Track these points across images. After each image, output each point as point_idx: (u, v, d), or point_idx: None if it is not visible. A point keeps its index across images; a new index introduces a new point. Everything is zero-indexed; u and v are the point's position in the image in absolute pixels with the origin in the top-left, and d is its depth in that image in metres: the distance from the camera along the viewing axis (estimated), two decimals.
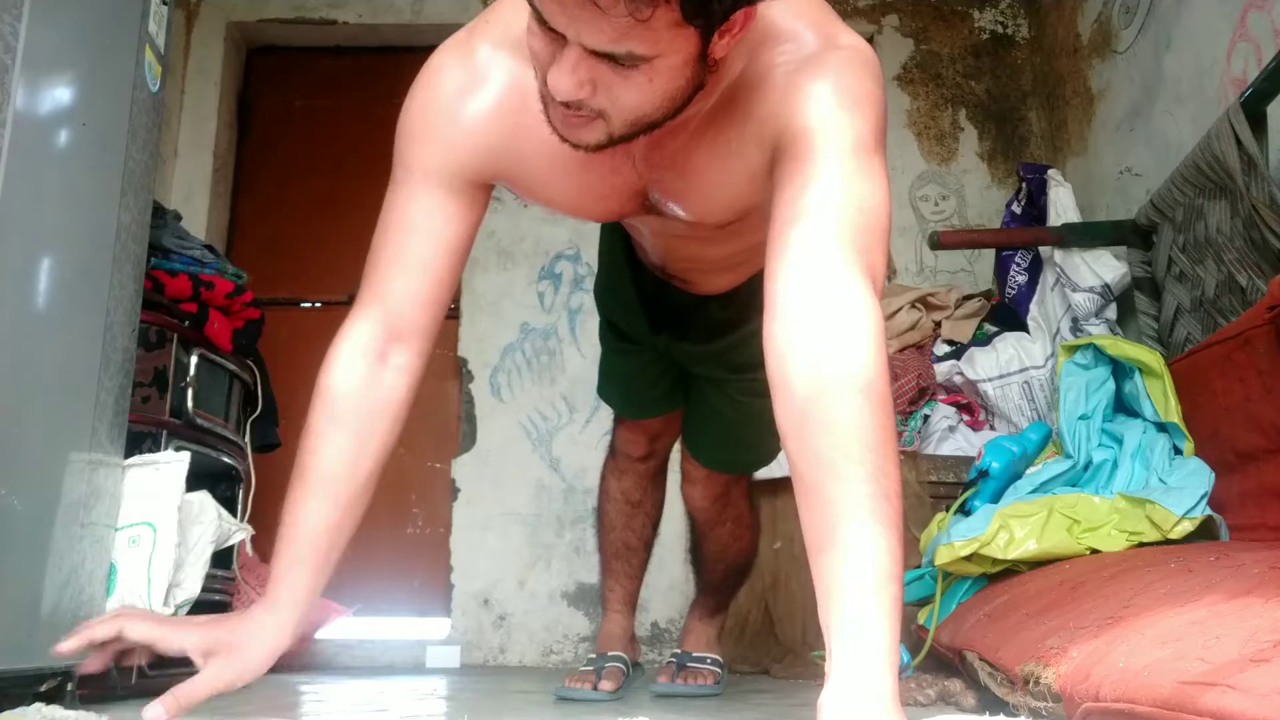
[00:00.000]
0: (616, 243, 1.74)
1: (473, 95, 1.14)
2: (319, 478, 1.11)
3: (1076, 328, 2.73)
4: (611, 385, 2.02)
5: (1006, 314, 3.02)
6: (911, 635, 2.12)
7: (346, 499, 1.13)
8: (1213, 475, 1.85)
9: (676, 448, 2.09)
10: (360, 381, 1.13)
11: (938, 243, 2.94)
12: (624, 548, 2.12)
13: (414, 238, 1.14)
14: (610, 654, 2.04)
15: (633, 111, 0.96)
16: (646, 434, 2.02)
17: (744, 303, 1.56)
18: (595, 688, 1.90)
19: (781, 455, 2.59)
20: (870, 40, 3.69)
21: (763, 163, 1.08)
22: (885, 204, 1.00)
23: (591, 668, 1.99)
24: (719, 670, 2.07)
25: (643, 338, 1.82)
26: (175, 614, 1.69)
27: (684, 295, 1.65)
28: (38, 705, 1.23)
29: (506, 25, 1.13)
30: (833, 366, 0.89)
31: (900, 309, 3.05)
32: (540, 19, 0.90)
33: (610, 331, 1.92)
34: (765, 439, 1.86)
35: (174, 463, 1.74)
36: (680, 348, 1.77)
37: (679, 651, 2.12)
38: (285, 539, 1.11)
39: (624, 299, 1.77)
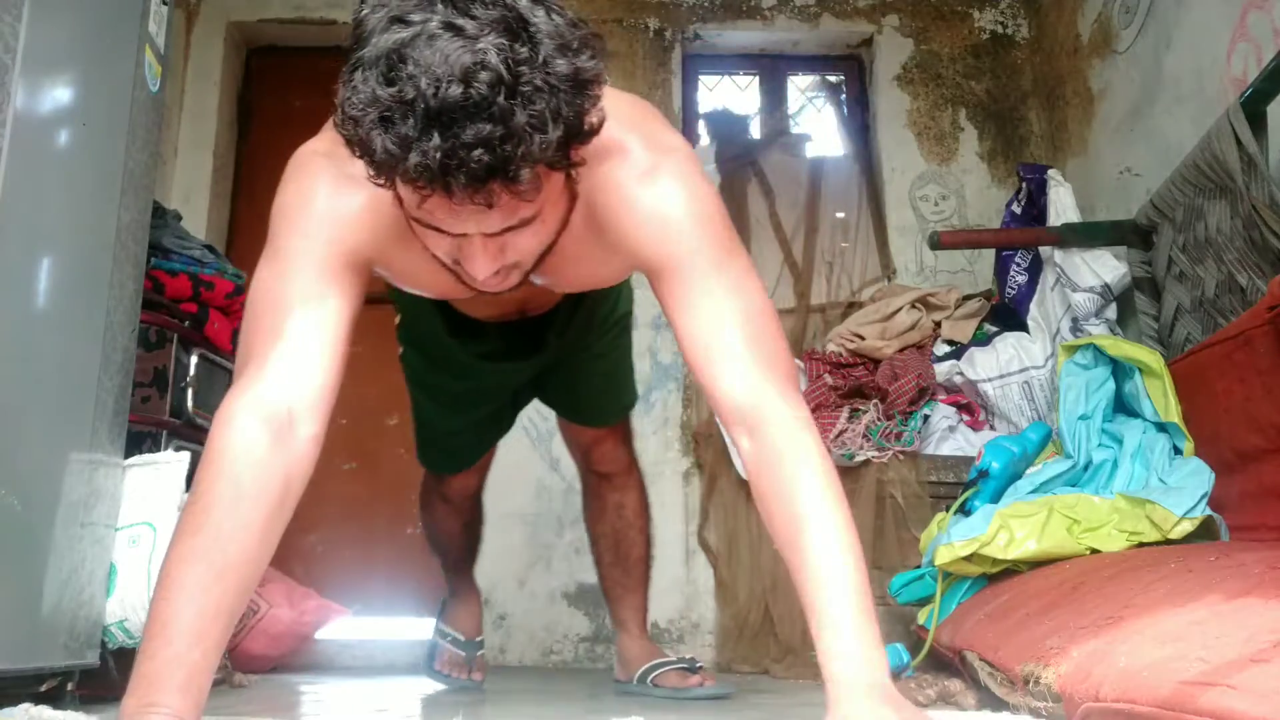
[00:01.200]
0: (430, 328, 1.74)
1: (352, 194, 1.15)
2: (231, 560, 0.96)
3: (1076, 328, 2.73)
4: (451, 450, 2.02)
5: (1006, 314, 3.02)
6: (911, 635, 2.12)
7: (252, 583, 1.00)
8: (1213, 475, 1.85)
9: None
10: (269, 450, 1.01)
11: (938, 243, 2.94)
12: (470, 551, 2.26)
13: (318, 315, 1.10)
14: (476, 640, 2.20)
15: (538, 249, 1.11)
16: (480, 468, 2.09)
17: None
18: (469, 676, 2.12)
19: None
20: (870, 40, 3.69)
21: (625, 268, 1.28)
22: (761, 295, 1.17)
23: (463, 653, 2.16)
24: None
25: (502, 387, 1.88)
26: None
27: (532, 320, 1.72)
28: (25, 705, 1.22)
29: None
30: (794, 476, 1.06)
31: (900, 309, 3.05)
32: (436, 228, 1.01)
33: (453, 404, 1.91)
34: (627, 386, 2.08)
35: (174, 463, 1.74)
36: (557, 352, 1.83)
37: (679, 659, 2.07)
38: (188, 632, 0.92)
39: (472, 370, 1.80)
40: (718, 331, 1.12)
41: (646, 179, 1.16)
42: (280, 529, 1.03)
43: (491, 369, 1.80)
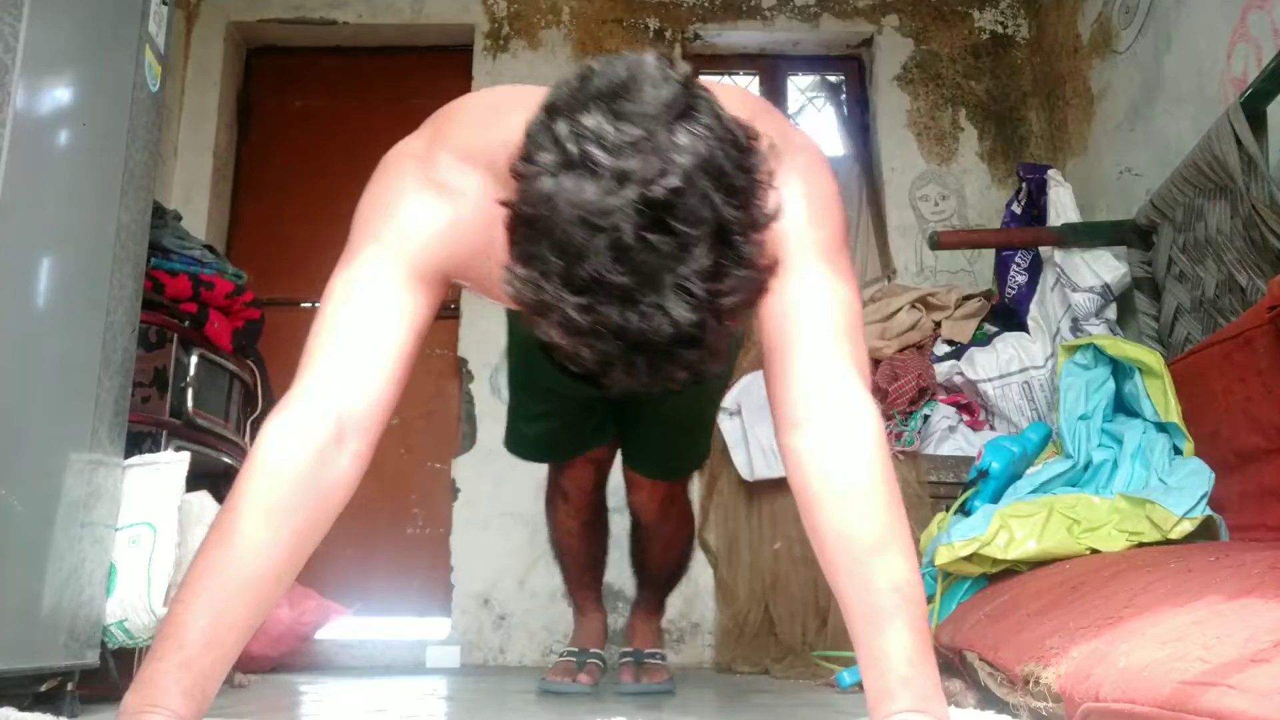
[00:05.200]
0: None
1: (444, 200, 1.10)
2: (255, 574, 0.94)
3: (1076, 328, 2.73)
4: (546, 444, 2.01)
5: (1006, 314, 3.02)
6: None
7: (272, 599, 0.98)
8: (1213, 475, 1.85)
9: None
10: (313, 464, 0.98)
11: (938, 243, 2.94)
12: (591, 560, 2.23)
13: (384, 327, 1.06)
14: (592, 650, 2.18)
15: None
16: (594, 463, 2.05)
17: None
18: (575, 680, 2.06)
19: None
20: (870, 40, 3.69)
21: None
22: (858, 299, 1.12)
23: (574, 659, 2.14)
24: (667, 665, 2.22)
25: (579, 390, 1.82)
26: None
27: None
28: (6, 710, 1.22)
29: (471, 141, 1.12)
30: (846, 473, 1.01)
31: (900, 309, 3.05)
32: None
33: (538, 399, 1.89)
34: (700, 443, 2.04)
35: (174, 463, 1.74)
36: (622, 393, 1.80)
37: (632, 650, 2.22)
38: (200, 639, 0.91)
39: (554, 371, 1.75)
40: (795, 321, 1.07)
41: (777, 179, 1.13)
42: (311, 546, 1.00)
43: (564, 379, 1.74)
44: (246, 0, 3.68)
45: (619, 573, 3.08)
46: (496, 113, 1.12)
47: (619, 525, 2.28)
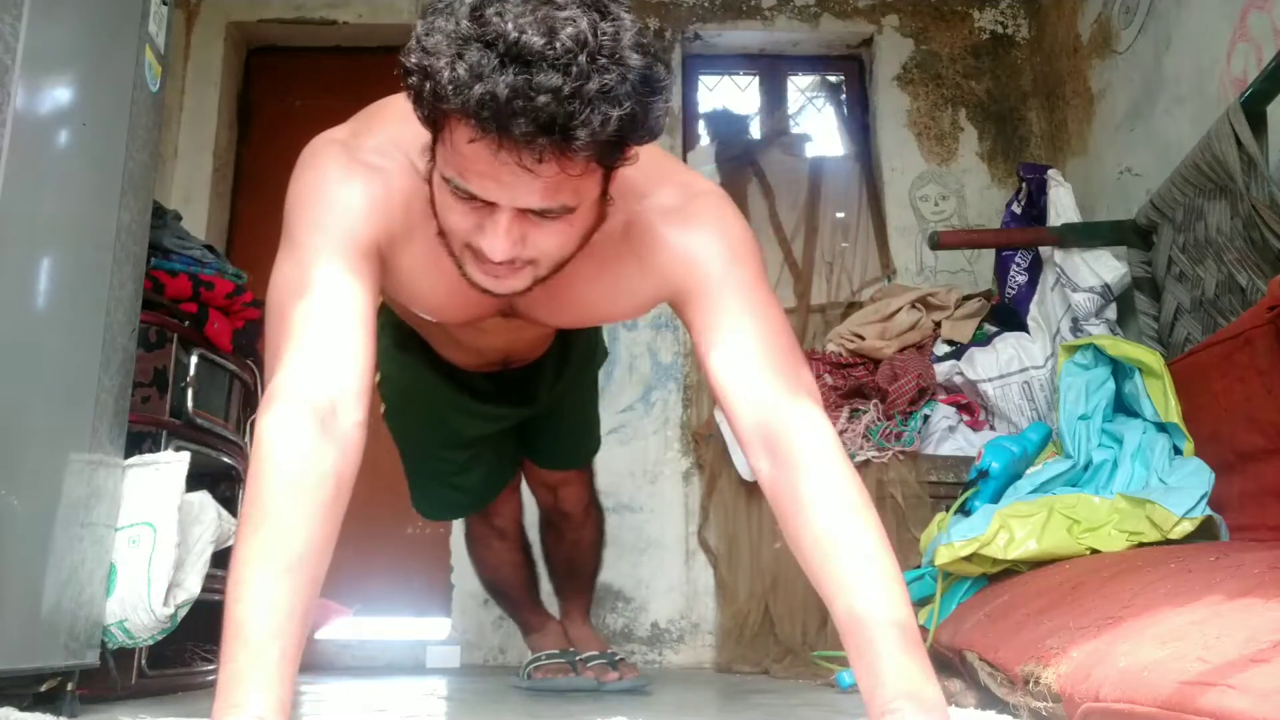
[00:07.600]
0: (418, 381, 1.79)
1: (366, 181, 1.16)
2: (298, 554, 0.94)
3: (1076, 328, 2.73)
4: (482, 490, 2.06)
5: (1006, 314, 3.03)
6: None
7: (319, 575, 0.98)
8: (1213, 475, 1.85)
9: None
10: (317, 440, 0.98)
11: (938, 243, 2.94)
12: (533, 580, 2.29)
13: (344, 307, 1.08)
14: (571, 650, 2.22)
15: (559, 253, 1.08)
16: (515, 489, 2.13)
17: (566, 337, 1.75)
18: (582, 675, 2.12)
19: None
20: (870, 40, 3.69)
21: (652, 301, 1.27)
22: (782, 320, 1.19)
23: (563, 659, 2.17)
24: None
25: (497, 430, 1.90)
26: (175, 614, 1.69)
27: (519, 370, 1.77)
28: (6, 710, 1.22)
29: (394, 132, 1.18)
30: (819, 482, 1.05)
31: (900, 309, 3.05)
32: (466, 194, 1.00)
33: (460, 449, 1.94)
34: (594, 431, 2.17)
35: (174, 463, 1.73)
36: (538, 405, 1.87)
37: (602, 653, 2.23)
38: (262, 630, 0.89)
39: (466, 416, 1.83)
40: (737, 356, 1.13)
41: (678, 217, 1.20)
42: (339, 517, 1.01)
43: (478, 413, 1.83)
44: (246, 0, 3.68)
45: (613, 572, 3.09)
46: None
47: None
